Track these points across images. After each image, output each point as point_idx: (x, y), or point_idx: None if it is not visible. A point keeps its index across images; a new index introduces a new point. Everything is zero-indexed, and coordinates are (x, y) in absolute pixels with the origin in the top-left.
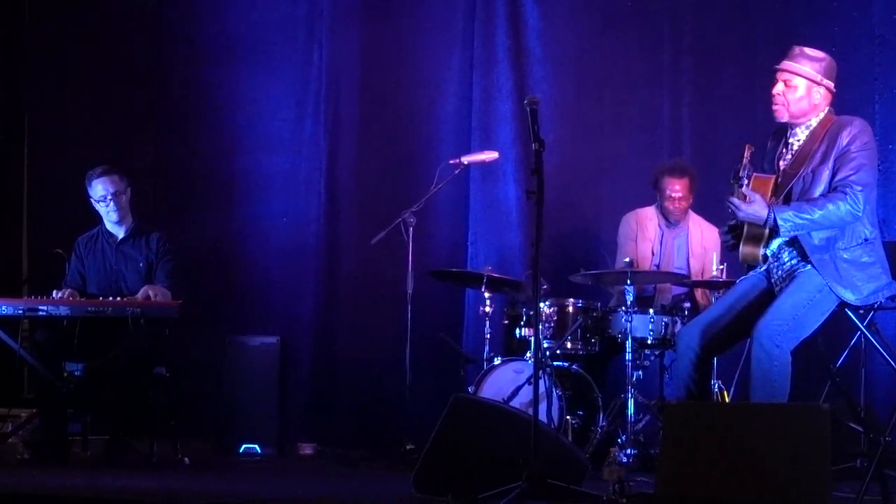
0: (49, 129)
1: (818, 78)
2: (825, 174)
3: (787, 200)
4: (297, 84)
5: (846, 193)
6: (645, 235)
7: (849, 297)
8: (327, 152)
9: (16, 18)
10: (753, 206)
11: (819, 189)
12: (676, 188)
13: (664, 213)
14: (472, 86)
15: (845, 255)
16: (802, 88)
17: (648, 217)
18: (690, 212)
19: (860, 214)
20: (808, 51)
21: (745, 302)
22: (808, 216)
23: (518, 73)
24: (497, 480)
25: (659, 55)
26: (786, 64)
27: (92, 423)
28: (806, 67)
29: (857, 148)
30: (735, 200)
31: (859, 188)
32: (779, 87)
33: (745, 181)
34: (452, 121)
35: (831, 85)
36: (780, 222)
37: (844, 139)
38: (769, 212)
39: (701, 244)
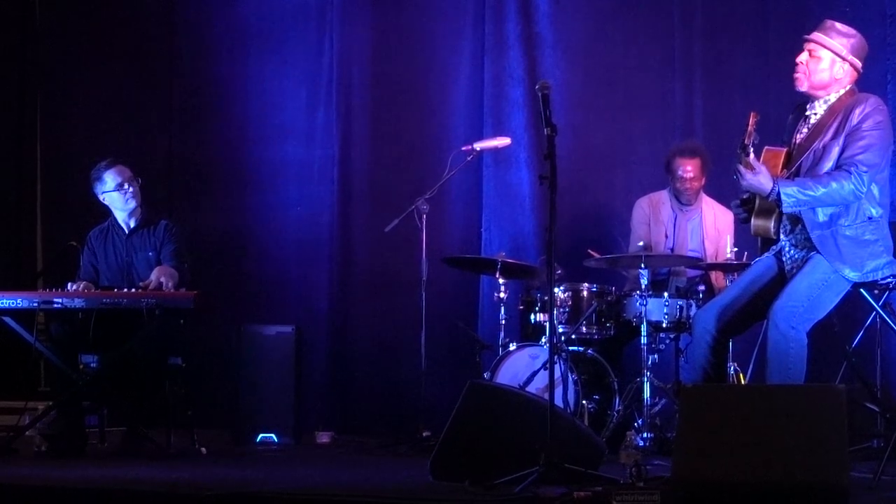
0: (62, 121)
1: (843, 52)
2: (835, 150)
3: (797, 174)
4: (309, 72)
5: (850, 172)
6: (658, 219)
7: (849, 273)
8: (340, 140)
9: (27, 13)
10: (759, 176)
11: (827, 165)
12: (688, 168)
13: (676, 195)
14: (484, 72)
15: (847, 232)
16: (826, 61)
17: (661, 201)
18: (703, 194)
19: (862, 194)
20: (840, 26)
21: (760, 284)
22: (812, 193)
23: (529, 58)
24: (513, 466)
25: (670, 39)
26: (815, 35)
27: (108, 415)
28: (834, 41)
29: (869, 127)
30: (741, 169)
31: (864, 168)
32: (803, 57)
33: (752, 149)
34: (464, 107)
35: (857, 63)
36: (783, 197)
37: (856, 117)
38: (774, 185)
39: (714, 226)
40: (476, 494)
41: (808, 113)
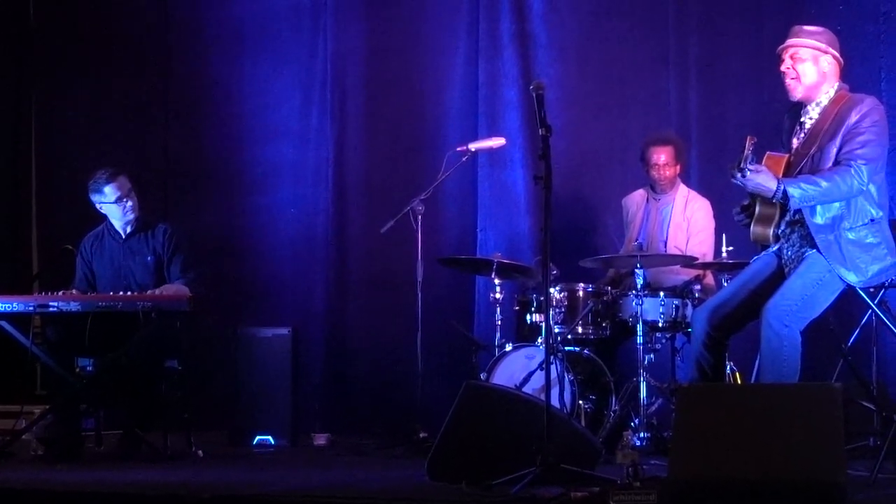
0: (57, 123)
1: (823, 47)
2: (832, 151)
3: None
4: (304, 73)
5: (850, 166)
6: (635, 213)
7: (852, 279)
8: (334, 142)
9: (21, 13)
10: (761, 176)
11: (826, 166)
12: (661, 157)
13: (652, 185)
14: (478, 72)
15: (850, 236)
16: (810, 60)
17: (641, 195)
18: (681, 184)
19: (864, 188)
20: (807, 27)
21: (758, 281)
22: (817, 187)
23: (523, 58)
24: (510, 466)
25: (664, 36)
26: (788, 41)
27: (105, 418)
28: (809, 40)
29: (867, 125)
30: (744, 175)
31: (863, 162)
32: (787, 63)
33: (748, 171)
34: (459, 108)
35: (837, 54)
36: (790, 192)
37: (854, 116)
38: (778, 183)
39: (683, 214)
40: (473, 495)
41: (802, 119)
